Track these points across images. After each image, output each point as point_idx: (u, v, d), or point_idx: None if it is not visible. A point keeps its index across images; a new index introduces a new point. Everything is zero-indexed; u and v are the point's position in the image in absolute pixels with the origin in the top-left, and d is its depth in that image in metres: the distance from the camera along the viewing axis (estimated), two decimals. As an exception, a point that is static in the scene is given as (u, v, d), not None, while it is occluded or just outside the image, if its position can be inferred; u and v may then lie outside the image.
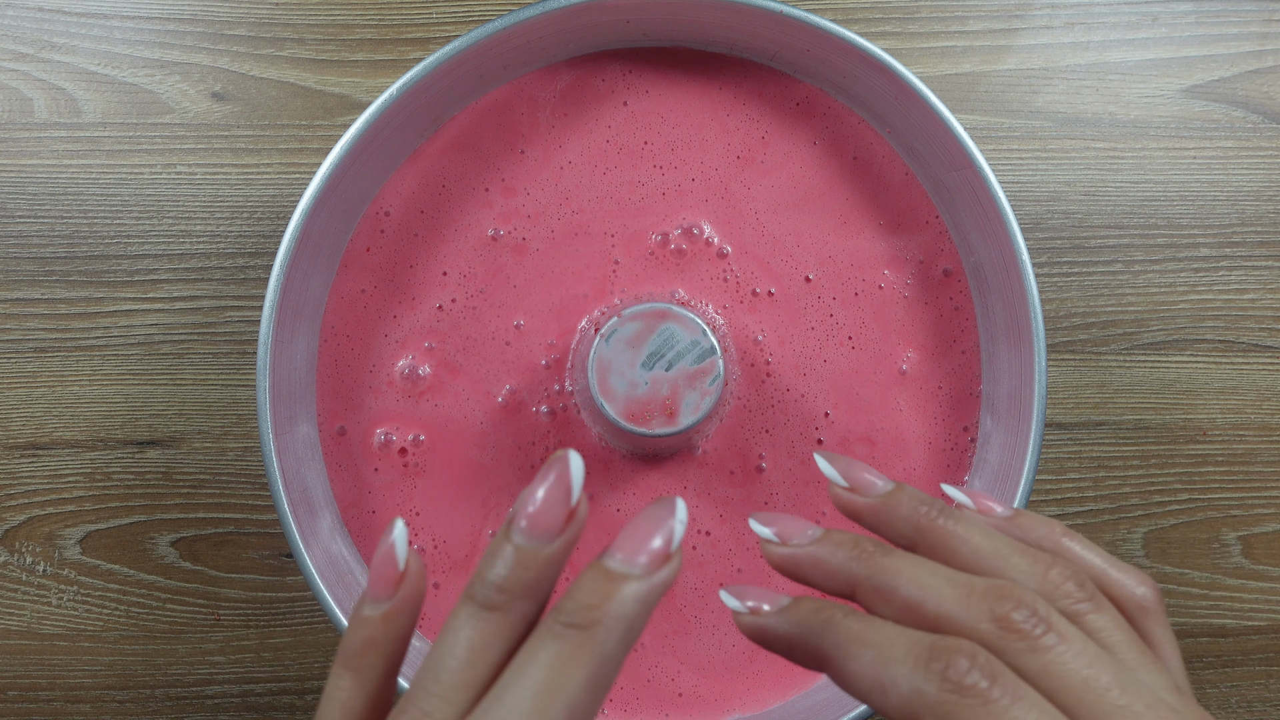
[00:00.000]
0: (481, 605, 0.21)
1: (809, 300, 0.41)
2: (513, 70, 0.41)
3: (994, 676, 0.20)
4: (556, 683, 0.20)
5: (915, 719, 0.20)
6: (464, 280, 0.41)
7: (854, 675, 0.21)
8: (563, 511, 0.22)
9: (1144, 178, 0.47)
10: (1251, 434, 0.47)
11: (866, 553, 0.23)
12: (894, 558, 0.23)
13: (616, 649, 0.21)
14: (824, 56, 0.40)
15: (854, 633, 0.22)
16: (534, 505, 0.22)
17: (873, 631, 0.21)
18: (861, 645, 0.21)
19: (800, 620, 0.23)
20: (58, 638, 0.46)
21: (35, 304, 0.46)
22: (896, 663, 0.21)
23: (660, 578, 0.22)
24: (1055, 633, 0.21)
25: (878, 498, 0.25)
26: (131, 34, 0.46)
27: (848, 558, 0.23)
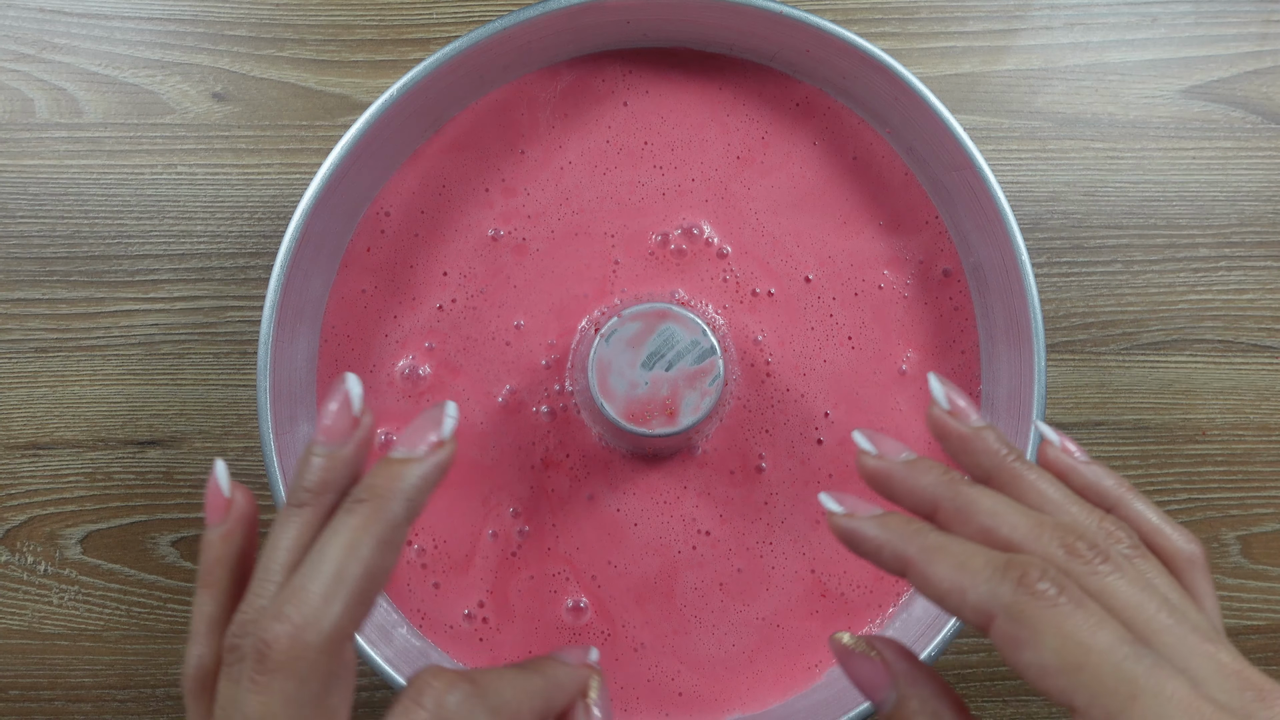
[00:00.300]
0: (295, 505, 0.26)
1: (809, 300, 0.41)
2: (513, 71, 0.41)
3: (1062, 586, 0.23)
4: (352, 544, 0.24)
5: (989, 616, 0.23)
6: (464, 280, 0.41)
7: (935, 578, 0.24)
8: (348, 420, 0.27)
9: (1143, 178, 0.47)
10: (1250, 434, 0.47)
11: (952, 479, 0.27)
12: (975, 488, 0.26)
13: (401, 517, 0.25)
14: (824, 57, 0.40)
15: (939, 543, 0.25)
16: (327, 420, 0.27)
17: (955, 544, 0.25)
18: (945, 554, 0.25)
19: (892, 527, 0.26)
20: (59, 637, 0.46)
21: (36, 304, 0.46)
22: (976, 570, 0.24)
23: (435, 459, 0.26)
24: (1112, 563, 0.24)
25: (970, 427, 0.28)
26: (132, 34, 0.46)
27: (935, 480, 0.27)
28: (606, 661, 0.41)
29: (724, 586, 0.41)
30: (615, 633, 0.41)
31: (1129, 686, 0.22)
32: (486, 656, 0.40)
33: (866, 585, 0.41)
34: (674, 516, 0.41)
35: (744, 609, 0.41)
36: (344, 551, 0.24)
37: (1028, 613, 0.23)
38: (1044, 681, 0.23)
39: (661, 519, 0.41)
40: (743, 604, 0.41)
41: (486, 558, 0.41)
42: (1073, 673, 0.22)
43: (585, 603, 0.41)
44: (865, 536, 0.27)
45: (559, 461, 0.41)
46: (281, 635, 0.23)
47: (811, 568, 0.41)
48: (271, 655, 0.23)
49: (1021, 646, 0.23)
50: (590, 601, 0.41)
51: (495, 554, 0.41)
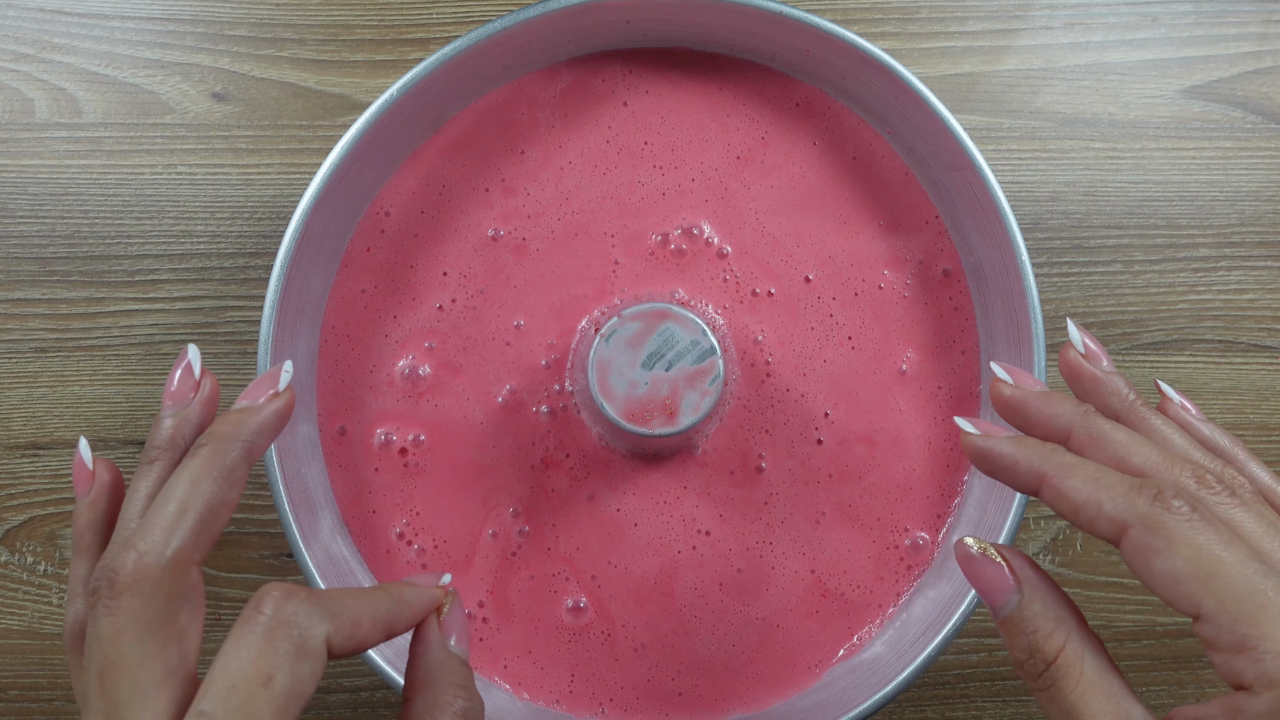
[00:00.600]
0: (147, 462, 0.28)
1: (809, 300, 0.41)
2: (513, 71, 0.41)
3: (1195, 504, 0.25)
4: (194, 481, 0.27)
5: (1123, 527, 0.25)
6: (464, 280, 0.41)
7: (1072, 491, 0.26)
8: (190, 384, 0.30)
9: (1143, 178, 0.47)
10: (1251, 434, 0.47)
11: (1086, 409, 0.28)
12: (1108, 421, 0.28)
13: (239, 457, 0.28)
14: (824, 57, 0.40)
15: (1074, 461, 0.27)
16: (172, 386, 0.30)
17: (1090, 464, 0.26)
18: (1081, 470, 0.26)
19: (1029, 446, 0.27)
20: (58, 637, 0.46)
21: (36, 304, 0.46)
22: (1111, 485, 0.25)
23: (272, 406, 0.29)
24: (1238, 498, 0.26)
25: (1103, 370, 0.30)
26: (132, 34, 0.46)
27: (1070, 410, 0.28)
28: (606, 661, 0.41)
29: (724, 586, 0.41)
30: (615, 633, 0.41)
31: (1258, 597, 0.23)
32: (487, 656, 0.40)
33: (866, 585, 0.41)
34: (674, 516, 0.41)
35: (744, 609, 0.41)
36: (187, 488, 0.27)
37: (1164, 522, 0.24)
38: (1174, 589, 0.24)
39: (661, 519, 0.41)
40: (743, 604, 0.41)
41: (486, 558, 0.41)
42: (1203, 580, 0.24)
43: (585, 603, 0.41)
44: (1002, 453, 0.28)
45: (559, 461, 0.41)
46: (128, 561, 0.25)
47: (811, 568, 0.41)
48: (119, 580, 0.25)
49: (1155, 555, 0.24)
50: (590, 601, 0.41)
51: (495, 554, 0.41)
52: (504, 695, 0.40)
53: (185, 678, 0.26)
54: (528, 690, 0.40)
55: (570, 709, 0.40)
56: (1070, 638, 0.26)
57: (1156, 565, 0.24)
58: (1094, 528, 0.26)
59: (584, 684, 0.41)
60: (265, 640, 0.25)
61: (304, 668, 0.25)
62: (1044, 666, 0.26)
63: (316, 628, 0.26)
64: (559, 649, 0.41)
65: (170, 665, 0.25)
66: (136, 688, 0.25)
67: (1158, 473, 0.26)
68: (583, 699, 0.41)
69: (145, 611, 0.25)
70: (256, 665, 0.25)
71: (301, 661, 0.25)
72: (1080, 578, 0.47)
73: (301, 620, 0.26)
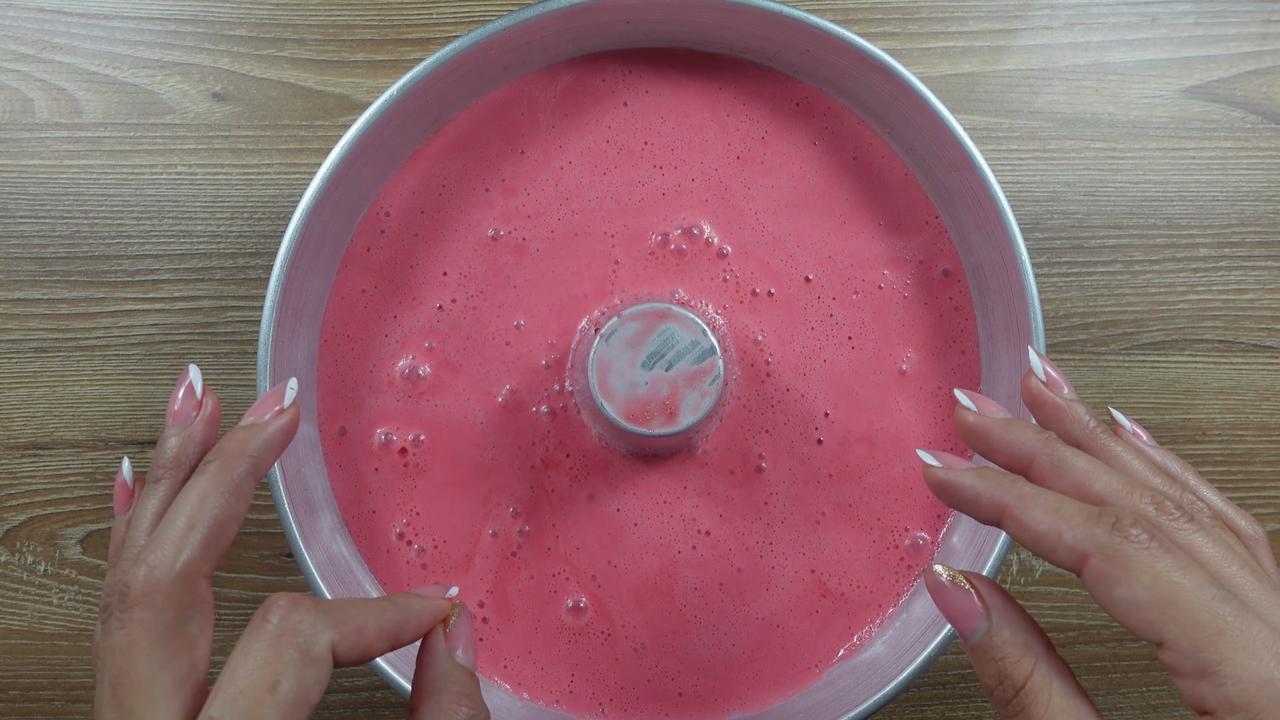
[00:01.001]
0: (153, 480, 0.29)
1: (809, 300, 0.41)
2: (513, 70, 0.41)
3: (1154, 531, 0.25)
4: (202, 497, 0.27)
5: (1084, 556, 0.25)
6: (464, 280, 0.41)
7: (1033, 521, 0.26)
8: (192, 403, 0.30)
9: (1143, 178, 0.47)
10: (1250, 434, 0.47)
11: (1048, 437, 0.28)
12: (1069, 448, 0.28)
13: (245, 472, 0.28)
14: (824, 57, 0.40)
15: (1035, 491, 0.27)
16: (175, 406, 0.30)
17: (1051, 495, 0.27)
18: (1042, 500, 0.26)
19: (989, 478, 0.28)
20: (59, 637, 0.46)
21: (36, 304, 0.46)
22: (1071, 515, 0.26)
23: (277, 423, 0.30)
24: (1197, 524, 0.26)
25: (1064, 398, 0.30)
26: (132, 34, 0.46)
27: (1032, 438, 0.28)
28: (606, 661, 0.41)
29: (724, 586, 0.41)
30: (615, 633, 0.41)
31: (1217, 622, 0.24)
32: (487, 656, 0.40)
33: (866, 585, 0.41)
34: (674, 516, 0.41)
35: (744, 609, 0.41)
36: (195, 503, 0.27)
37: (1123, 551, 0.25)
38: (1135, 615, 0.24)
39: (661, 519, 0.41)
40: (743, 604, 0.41)
41: (486, 558, 0.41)
42: (1163, 607, 0.24)
43: (585, 603, 0.41)
44: (963, 485, 0.28)
45: (559, 461, 0.41)
46: (139, 575, 0.26)
47: (811, 568, 0.41)
48: (130, 594, 0.26)
49: (1115, 584, 0.25)
50: (590, 601, 0.41)
51: (495, 554, 0.41)
52: (504, 695, 0.40)
53: (195, 686, 0.26)
54: (528, 690, 0.40)
55: (570, 709, 0.41)
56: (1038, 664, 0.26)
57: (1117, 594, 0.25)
58: (1055, 558, 0.26)
59: (584, 684, 0.41)
60: (271, 648, 0.26)
61: (309, 674, 0.26)
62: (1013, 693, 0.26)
63: (322, 635, 0.26)
64: (559, 649, 0.41)
65: (180, 675, 0.26)
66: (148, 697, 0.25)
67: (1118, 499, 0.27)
68: (583, 699, 0.41)
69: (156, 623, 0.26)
70: (263, 672, 0.25)
71: (307, 668, 0.26)
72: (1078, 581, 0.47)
73: (307, 628, 0.26)
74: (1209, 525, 0.27)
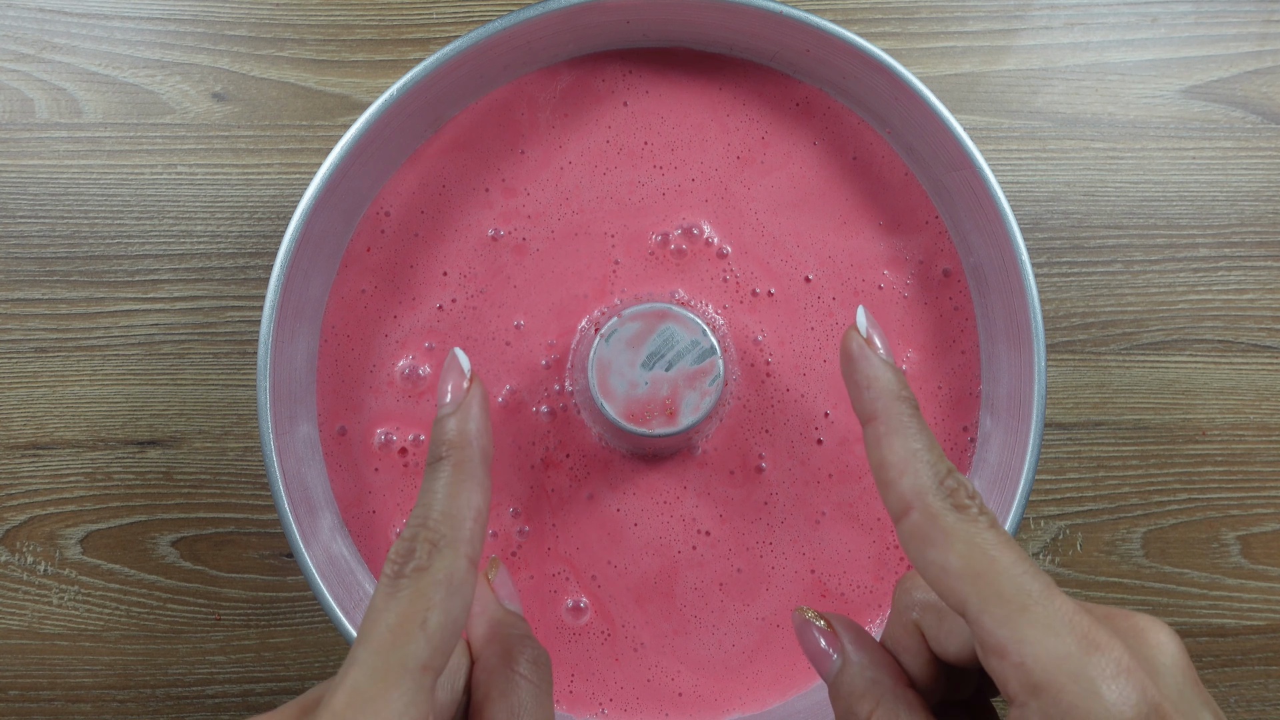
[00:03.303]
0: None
1: (809, 300, 0.41)
2: (513, 70, 0.41)
3: (982, 509, 0.25)
4: (451, 492, 0.28)
5: (907, 509, 0.26)
6: (464, 280, 0.41)
7: (888, 448, 0.27)
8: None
9: (1143, 178, 0.47)
10: (1250, 434, 0.47)
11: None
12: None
13: (477, 456, 0.29)
14: (824, 57, 0.40)
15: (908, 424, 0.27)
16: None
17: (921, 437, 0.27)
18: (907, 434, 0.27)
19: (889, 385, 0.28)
20: (58, 637, 0.46)
21: (36, 304, 0.46)
22: (920, 467, 0.26)
23: (471, 396, 0.30)
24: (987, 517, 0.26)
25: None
26: (132, 34, 0.46)
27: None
28: (606, 661, 0.41)
29: (724, 586, 0.41)
30: (615, 633, 0.41)
31: (1022, 598, 0.23)
32: (486, 656, 0.40)
33: (866, 585, 0.41)
34: (674, 516, 0.41)
35: (744, 609, 0.41)
36: (448, 495, 0.28)
37: (947, 519, 0.25)
38: (943, 581, 0.24)
39: (661, 519, 0.41)
40: (743, 604, 0.41)
41: (486, 557, 0.41)
42: (973, 578, 0.24)
43: (585, 603, 0.41)
44: (868, 364, 0.29)
45: (559, 461, 0.41)
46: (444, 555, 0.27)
47: (811, 568, 0.41)
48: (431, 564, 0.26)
49: (930, 545, 0.25)
50: (590, 601, 0.41)
51: (495, 554, 0.41)
52: (504, 695, 0.40)
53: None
54: (528, 690, 0.40)
55: (570, 709, 0.40)
56: (882, 702, 0.26)
57: (929, 555, 0.25)
58: (884, 492, 0.26)
59: (584, 684, 0.41)
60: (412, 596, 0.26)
61: (456, 603, 0.26)
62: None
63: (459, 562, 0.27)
64: (559, 649, 0.41)
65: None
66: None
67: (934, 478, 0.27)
68: (583, 699, 0.41)
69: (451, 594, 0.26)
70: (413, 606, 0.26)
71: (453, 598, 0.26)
72: (1079, 578, 0.47)
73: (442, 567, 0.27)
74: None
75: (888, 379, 0.28)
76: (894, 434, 0.27)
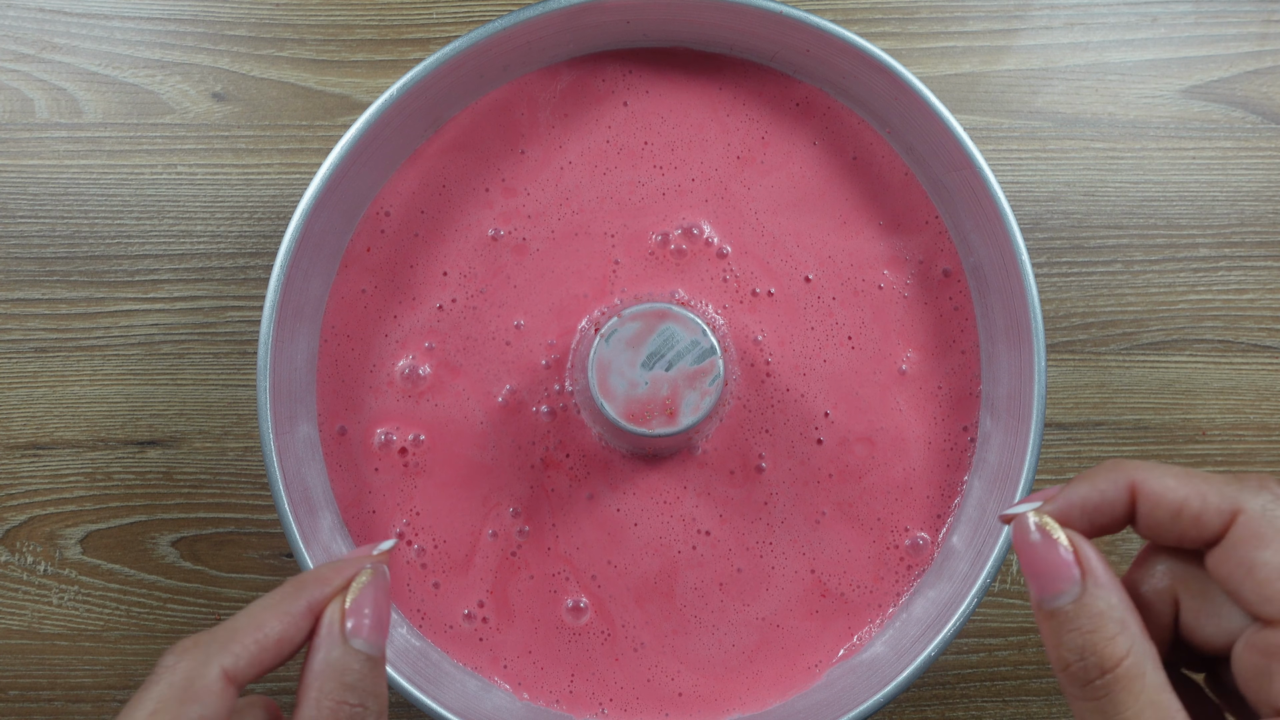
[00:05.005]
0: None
1: (809, 300, 0.41)
2: (513, 70, 0.41)
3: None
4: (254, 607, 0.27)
5: (1234, 515, 0.24)
6: (464, 280, 0.41)
7: (1168, 489, 0.25)
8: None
9: (1143, 178, 0.47)
10: (1250, 434, 0.47)
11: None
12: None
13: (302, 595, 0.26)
14: (824, 57, 0.40)
15: (1157, 463, 0.26)
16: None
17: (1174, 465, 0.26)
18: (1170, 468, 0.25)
19: (1091, 476, 0.26)
20: (58, 637, 0.46)
21: (36, 304, 0.46)
22: (1210, 479, 0.25)
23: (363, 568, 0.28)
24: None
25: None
26: (132, 34, 0.46)
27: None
28: (606, 661, 0.41)
29: (724, 586, 0.41)
30: (615, 633, 0.41)
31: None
32: (487, 656, 0.40)
33: (866, 585, 0.41)
34: (674, 516, 0.41)
35: (744, 609, 0.41)
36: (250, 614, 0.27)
37: (1277, 514, 0.23)
38: (1275, 583, 0.23)
39: (661, 519, 0.41)
40: (743, 604, 0.41)
41: (486, 558, 0.41)
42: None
43: (585, 603, 0.41)
44: (1073, 497, 0.26)
45: (559, 461, 0.41)
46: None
47: (811, 568, 0.41)
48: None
49: (1264, 545, 0.23)
50: (590, 601, 0.41)
51: (495, 554, 0.41)
52: (504, 695, 0.40)
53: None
54: (528, 690, 0.40)
55: (570, 709, 0.41)
56: (1135, 645, 0.23)
57: (1262, 556, 0.23)
58: (1199, 523, 0.24)
59: (584, 684, 0.41)
60: (145, 691, 0.25)
61: (191, 710, 0.24)
62: (1098, 673, 0.23)
63: (205, 668, 0.25)
64: (559, 649, 0.41)
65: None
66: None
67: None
68: (583, 699, 0.41)
69: None
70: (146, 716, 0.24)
71: (187, 704, 0.24)
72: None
73: (184, 667, 0.25)
74: None
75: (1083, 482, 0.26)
76: (1161, 472, 0.25)
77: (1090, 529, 0.26)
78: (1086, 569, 0.24)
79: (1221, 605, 0.25)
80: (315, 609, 0.26)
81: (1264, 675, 0.23)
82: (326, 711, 0.25)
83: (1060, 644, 0.24)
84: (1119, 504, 0.25)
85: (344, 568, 0.27)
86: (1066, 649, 0.24)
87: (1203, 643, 0.25)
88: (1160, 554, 0.26)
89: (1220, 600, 0.25)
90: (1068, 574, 0.24)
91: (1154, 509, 0.24)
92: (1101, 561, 0.25)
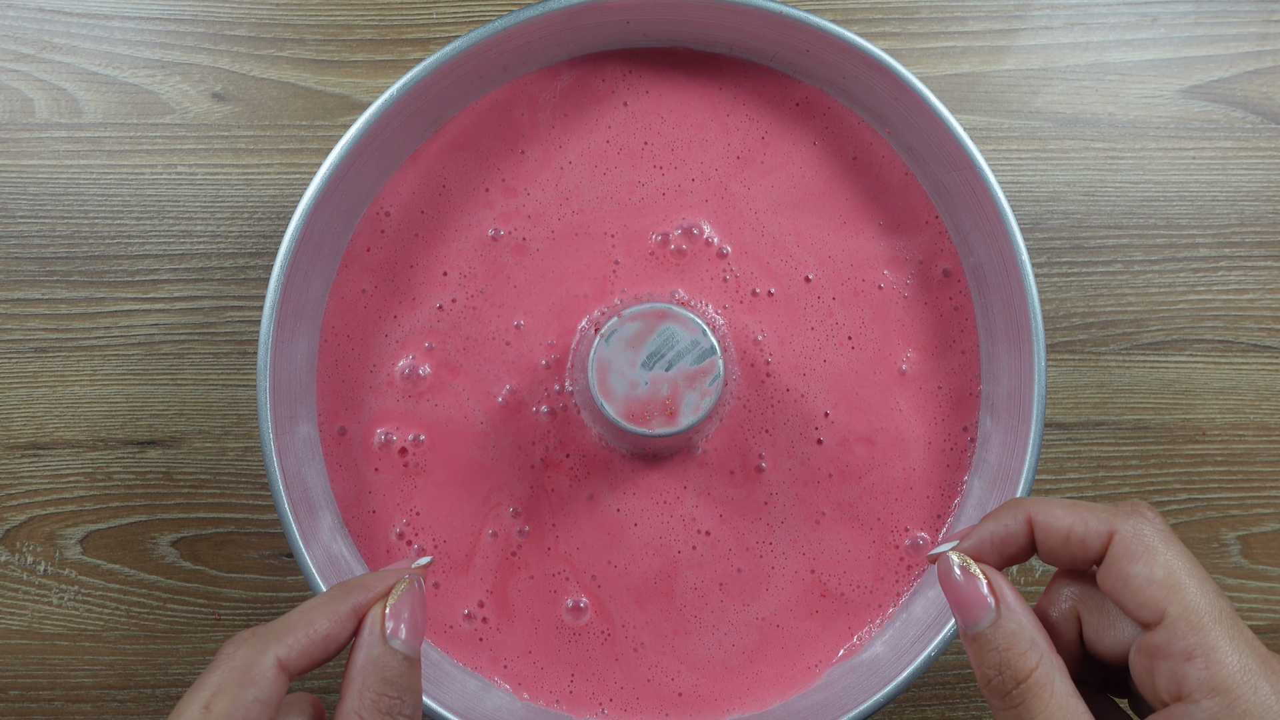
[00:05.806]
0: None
1: (809, 300, 0.41)
2: (513, 70, 0.41)
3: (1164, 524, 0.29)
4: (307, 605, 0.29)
5: (1110, 535, 0.28)
6: (464, 280, 0.41)
7: (1056, 518, 0.28)
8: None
9: (1143, 178, 0.47)
10: (1250, 434, 0.47)
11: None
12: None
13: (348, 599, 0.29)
14: (824, 57, 0.40)
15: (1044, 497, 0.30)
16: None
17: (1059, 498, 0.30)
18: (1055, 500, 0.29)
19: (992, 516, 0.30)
20: (58, 637, 0.46)
21: (36, 304, 0.46)
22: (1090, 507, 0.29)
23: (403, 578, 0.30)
24: None
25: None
26: (132, 34, 0.46)
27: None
28: (606, 661, 0.41)
29: (724, 586, 0.41)
30: (615, 633, 0.41)
31: (1215, 611, 0.26)
32: (487, 657, 0.40)
33: (866, 585, 0.41)
34: (674, 516, 0.41)
35: (744, 609, 0.41)
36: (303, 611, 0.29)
37: (1146, 533, 0.27)
38: (1145, 591, 0.27)
39: (661, 519, 0.41)
40: (743, 604, 0.41)
41: (486, 558, 0.41)
42: (1174, 588, 0.26)
43: (585, 603, 0.41)
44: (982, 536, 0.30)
45: (559, 461, 0.41)
46: None
47: (811, 568, 0.41)
48: None
49: (1134, 559, 0.27)
50: (590, 601, 0.41)
51: (495, 554, 0.41)
52: (504, 695, 0.40)
53: None
54: (528, 690, 0.40)
55: (570, 709, 0.41)
56: (1044, 658, 0.27)
57: (1134, 569, 0.27)
58: (1083, 545, 0.28)
59: (584, 684, 0.41)
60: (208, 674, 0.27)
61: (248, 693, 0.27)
62: (1013, 684, 0.27)
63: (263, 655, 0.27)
64: (559, 649, 0.41)
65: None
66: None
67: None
68: (583, 699, 0.41)
69: None
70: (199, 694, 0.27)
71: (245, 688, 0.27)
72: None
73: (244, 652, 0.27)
74: None
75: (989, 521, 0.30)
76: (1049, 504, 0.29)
77: (1001, 560, 0.30)
78: (1000, 597, 0.28)
79: (1116, 619, 0.29)
80: (359, 611, 0.29)
81: (1149, 673, 0.27)
82: (369, 702, 0.28)
83: (982, 662, 0.28)
84: (1021, 536, 0.29)
85: (386, 577, 0.30)
86: (987, 666, 0.28)
87: (1105, 653, 0.29)
88: (1064, 580, 0.30)
89: (1115, 615, 0.29)
90: (984, 602, 0.28)
91: (1048, 537, 0.28)
92: (1012, 590, 0.28)
